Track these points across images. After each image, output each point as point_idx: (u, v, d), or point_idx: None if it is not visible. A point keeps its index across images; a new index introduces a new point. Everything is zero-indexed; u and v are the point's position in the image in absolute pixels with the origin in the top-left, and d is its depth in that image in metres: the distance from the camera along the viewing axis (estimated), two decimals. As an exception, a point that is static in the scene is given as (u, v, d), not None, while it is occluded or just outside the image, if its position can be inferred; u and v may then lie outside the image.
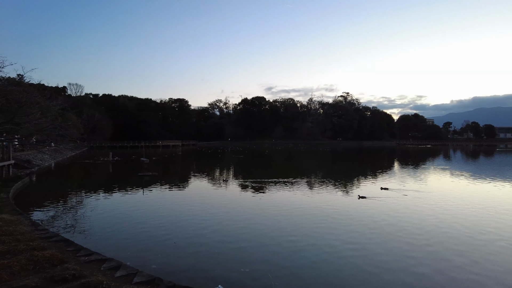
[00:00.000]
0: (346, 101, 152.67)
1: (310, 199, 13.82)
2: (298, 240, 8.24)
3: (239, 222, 9.99)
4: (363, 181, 20.69)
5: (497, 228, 9.40)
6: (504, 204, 12.87)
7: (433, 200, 13.78)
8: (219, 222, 9.97)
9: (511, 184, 18.76)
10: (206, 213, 11.18)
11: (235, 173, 26.48)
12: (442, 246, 7.83)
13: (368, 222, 10.10)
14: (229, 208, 11.99)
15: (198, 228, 9.31)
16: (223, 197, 14.49)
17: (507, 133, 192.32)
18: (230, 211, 11.56)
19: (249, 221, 10.11)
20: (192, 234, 8.75)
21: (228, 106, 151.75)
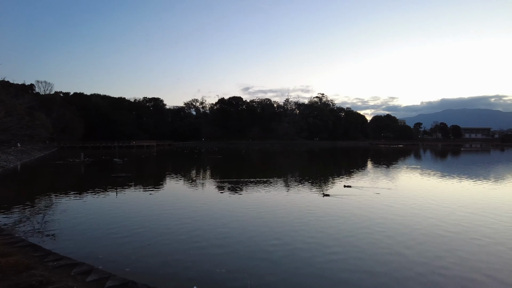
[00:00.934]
0: (321, 102, 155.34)
1: (280, 198, 13.97)
2: (272, 240, 8.27)
3: (214, 223, 9.91)
4: (334, 179, 21.07)
5: (457, 222, 9.83)
6: (468, 200, 13.48)
7: (398, 196, 14.27)
8: (194, 224, 9.84)
9: (474, 182, 19.70)
10: (182, 215, 11.02)
11: (211, 173, 26.28)
12: (397, 240, 8.10)
13: (324, 218, 10.30)
14: (205, 209, 11.88)
15: (173, 230, 9.15)
16: (199, 198, 14.34)
17: (472, 134, 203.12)
18: (206, 212, 11.45)
19: (224, 222, 10.05)
20: (166, 236, 8.59)
21: (205, 105, 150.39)
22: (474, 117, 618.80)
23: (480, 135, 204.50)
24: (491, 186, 18.24)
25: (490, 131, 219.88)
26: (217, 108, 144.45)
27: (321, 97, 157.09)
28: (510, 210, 11.75)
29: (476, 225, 9.59)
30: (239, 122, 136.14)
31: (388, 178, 21.76)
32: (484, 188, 17.44)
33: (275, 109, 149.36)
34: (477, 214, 10.95)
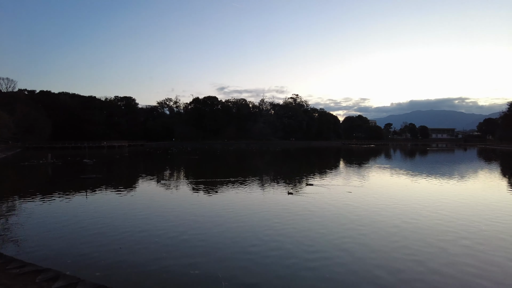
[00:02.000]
0: (296, 103, 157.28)
1: (249, 198, 13.97)
2: (246, 240, 8.30)
3: (188, 225, 9.80)
4: (302, 178, 21.33)
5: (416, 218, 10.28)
6: (427, 197, 14.13)
7: (363, 194, 14.71)
8: (167, 225, 9.68)
9: (440, 180, 20.66)
10: (155, 217, 10.82)
11: (186, 174, 25.95)
12: (353, 236, 8.39)
13: (284, 215, 10.49)
14: (178, 211, 11.71)
15: (146, 232, 8.96)
16: (172, 200, 14.12)
17: (438, 134, 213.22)
18: (179, 214, 11.29)
19: (198, 223, 9.96)
20: (139, 239, 8.40)
21: (179, 105, 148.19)
22: (440, 118, 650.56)
23: (446, 135, 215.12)
24: (456, 183, 19.20)
25: (454, 131, 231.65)
26: (192, 107, 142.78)
27: (295, 98, 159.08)
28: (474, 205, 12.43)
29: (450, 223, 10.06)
30: (214, 122, 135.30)
31: (355, 176, 22.37)
32: (449, 185, 18.32)
33: (251, 109, 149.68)
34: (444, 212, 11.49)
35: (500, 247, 7.73)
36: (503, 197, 15.23)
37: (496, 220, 10.21)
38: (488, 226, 9.49)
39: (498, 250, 7.51)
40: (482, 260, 6.88)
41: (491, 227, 9.38)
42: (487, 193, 16.01)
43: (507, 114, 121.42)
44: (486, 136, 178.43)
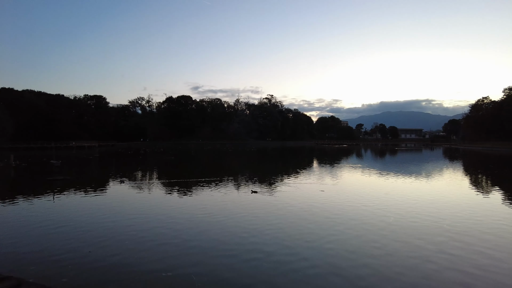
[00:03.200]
0: (271, 103, 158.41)
1: (224, 198, 13.92)
2: (221, 242, 8.26)
3: (160, 227, 9.61)
4: (277, 177, 21.55)
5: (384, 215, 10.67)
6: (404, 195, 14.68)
7: (335, 192, 15.08)
8: (139, 228, 9.44)
9: (408, 178, 21.50)
10: (127, 219, 10.53)
11: (158, 174, 25.45)
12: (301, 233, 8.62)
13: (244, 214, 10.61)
14: (150, 213, 11.45)
15: (116, 236, 8.69)
16: (144, 202, 13.76)
17: (407, 134, 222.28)
18: (151, 215, 11.04)
19: (170, 225, 9.79)
20: (110, 242, 8.14)
21: (152, 104, 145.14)
22: (409, 119, 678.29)
23: (414, 135, 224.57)
24: (423, 181, 20.04)
25: (422, 132, 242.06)
26: (165, 107, 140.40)
27: (270, 98, 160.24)
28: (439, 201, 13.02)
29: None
30: (189, 122, 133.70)
31: (328, 176, 22.83)
32: (417, 183, 19.10)
33: (226, 109, 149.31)
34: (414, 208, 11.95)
35: (464, 243, 8.13)
36: (465, 194, 16.03)
37: (459, 216, 10.74)
38: (450, 222, 9.97)
39: (461, 245, 7.90)
40: (446, 257, 7.21)
41: (453, 223, 9.86)
42: (451, 190, 16.84)
43: (468, 115, 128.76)
44: (451, 136, 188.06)
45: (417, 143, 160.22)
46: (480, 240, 8.18)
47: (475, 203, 13.39)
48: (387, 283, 5.83)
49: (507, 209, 12.18)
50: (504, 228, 9.32)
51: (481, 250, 7.46)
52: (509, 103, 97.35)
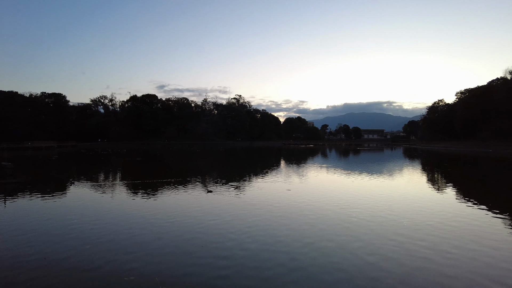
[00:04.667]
0: (239, 103, 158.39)
1: (189, 199, 13.77)
2: (184, 242, 8.14)
3: (123, 229, 9.29)
4: (245, 177, 21.65)
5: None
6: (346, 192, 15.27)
7: (301, 191, 15.42)
8: (100, 232, 9.07)
9: (370, 177, 22.38)
10: (86, 223, 10.06)
11: (122, 177, 24.60)
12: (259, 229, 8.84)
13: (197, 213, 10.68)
14: (110, 217, 11.02)
15: (74, 240, 8.27)
16: (106, 205, 13.22)
17: (370, 135, 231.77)
18: (111, 220, 10.61)
19: (133, 227, 9.50)
20: (67, 247, 7.74)
21: (115, 103, 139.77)
22: (371, 120, 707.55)
23: (376, 136, 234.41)
24: (384, 179, 20.96)
25: (383, 132, 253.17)
26: (129, 106, 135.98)
27: (238, 99, 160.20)
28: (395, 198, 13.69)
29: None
30: (154, 122, 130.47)
31: (294, 175, 23.24)
32: (378, 182, 19.92)
33: (193, 109, 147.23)
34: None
35: (421, 239, 8.60)
36: (422, 191, 16.97)
37: (417, 213, 11.35)
38: (409, 219, 10.51)
39: (418, 240, 8.35)
40: (407, 253, 7.60)
41: (412, 219, 10.40)
42: (410, 188, 17.77)
43: (426, 117, 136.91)
44: (410, 136, 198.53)
45: (379, 143, 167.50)
46: (438, 233, 8.69)
47: (432, 199, 14.23)
48: (344, 280, 6.03)
49: (460, 205, 13.03)
50: (458, 221, 9.97)
51: (440, 243, 7.93)
52: (460, 105, 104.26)
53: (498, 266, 6.66)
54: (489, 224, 9.91)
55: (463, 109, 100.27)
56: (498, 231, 9.14)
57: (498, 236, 8.72)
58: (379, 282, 5.88)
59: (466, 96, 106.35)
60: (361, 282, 5.90)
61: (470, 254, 7.30)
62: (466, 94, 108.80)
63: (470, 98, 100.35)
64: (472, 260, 6.98)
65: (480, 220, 10.33)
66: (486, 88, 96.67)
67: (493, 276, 6.17)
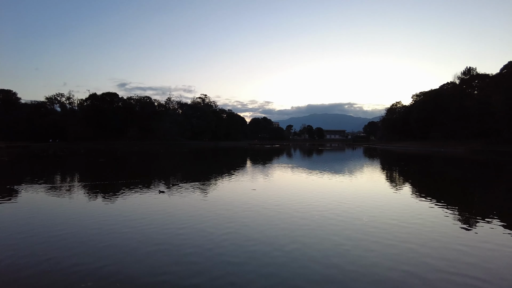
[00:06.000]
0: (204, 103, 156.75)
1: (151, 201, 13.45)
2: (142, 244, 7.90)
3: (79, 232, 8.84)
4: (210, 178, 21.50)
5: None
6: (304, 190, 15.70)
7: (267, 190, 15.59)
8: (54, 237, 8.54)
9: (332, 175, 23.07)
10: (39, 226, 9.45)
11: (80, 178, 23.41)
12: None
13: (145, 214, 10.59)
14: (70, 222, 10.45)
15: (27, 247, 7.74)
16: (64, 208, 12.50)
17: (332, 135, 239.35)
18: (69, 226, 10.06)
19: (86, 232, 9.05)
20: (19, 254, 7.22)
21: (73, 101, 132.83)
22: (333, 121, 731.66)
23: (338, 136, 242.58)
24: (346, 178, 21.67)
25: (345, 132, 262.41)
26: (88, 104, 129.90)
27: (204, 98, 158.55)
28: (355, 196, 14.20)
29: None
30: (115, 121, 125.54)
31: (259, 175, 23.39)
32: (341, 180, 20.57)
33: (156, 108, 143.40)
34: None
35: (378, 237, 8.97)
36: (381, 188, 17.76)
37: (377, 210, 11.84)
38: (369, 216, 10.94)
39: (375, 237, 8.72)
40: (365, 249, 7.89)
41: (370, 216, 10.84)
42: (369, 185, 18.53)
43: (385, 118, 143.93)
44: (370, 136, 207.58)
45: (341, 143, 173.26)
46: (395, 230, 9.12)
47: (390, 196, 14.92)
48: (299, 277, 6.15)
49: (416, 201, 13.79)
50: (414, 217, 10.53)
51: (394, 239, 8.32)
52: (416, 107, 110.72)
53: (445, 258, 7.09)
54: (441, 218, 10.57)
55: (418, 111, 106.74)
56: (444, 227, 9.76)
57: (444, 230, 9.31)
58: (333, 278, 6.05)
59: (421, 99, 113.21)
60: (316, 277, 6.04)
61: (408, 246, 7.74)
62: (421, 96, 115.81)
63: (425, 101, 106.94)
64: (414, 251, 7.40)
65: (433, 215, 10.99)
66: (438, 92, 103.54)
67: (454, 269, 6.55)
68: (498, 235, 8.83)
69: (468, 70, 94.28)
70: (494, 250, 7.54)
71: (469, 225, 9.86)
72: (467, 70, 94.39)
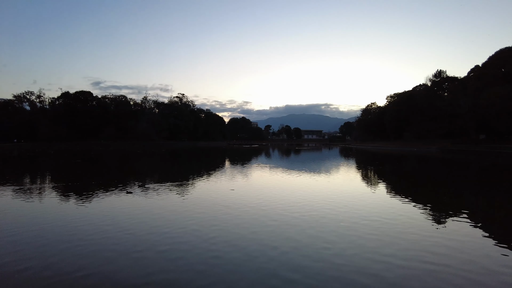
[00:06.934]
0: (182, 102, 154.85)
1: (128, 203, 13.20)
2: (106, 246, 7.74)
3: (52, 235, 8.54)
4: (188, 178, 21.30)
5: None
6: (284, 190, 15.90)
7: (245, 190, 15.64)
8: (25, 242, 8.22)
9: (309, 175, 23.40)
10: (3, 230, 9.04)
11: (51, 180, 22.55)
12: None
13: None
14: (41, 225, 10.06)
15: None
16: (35, 211, 12.00)
17: (309, 135, 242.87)
18: (41, 229, 9.70)
19: (56, 236, 8.78)
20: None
21: (44, 100, 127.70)
22: (310, 121, 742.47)
23: (315, 136, 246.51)
24: (322, 177, 22.04)
25: (322, 133, 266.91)
26: (60, 103, 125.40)
27: (181, 98, 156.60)
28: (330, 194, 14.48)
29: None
30: (90, 120, 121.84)
31: (238, 175, 23.41)
32: (318, 179, 20.90)
33: (132, 107, 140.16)
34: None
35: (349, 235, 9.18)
36: (356, 187, 18.19)
37: (352, 208, 12.11)
38: (345, 214, 11.18)
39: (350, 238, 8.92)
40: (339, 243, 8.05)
41: (347, 214, 11.09)
42: (345, 184, 18.94)
43: (360, 119, 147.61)
44: (346, 136, 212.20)
45: (318, 143, 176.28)
46: (371, 228, 9.37)
47: (365, 195, 15.31)
48: (273, 276, 6.22)
49: (390, 199, 14.23)
50: (389, 213, 10.86)
51: (370, 237, 8.55)
52: (390, 108, 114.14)
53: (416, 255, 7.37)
54: (417, 214, 10.96)
55: (392, 112, 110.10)
56: (420, 221, 10.14)
57: (421, 228, 9.67)
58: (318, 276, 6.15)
59: (395, 100, 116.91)
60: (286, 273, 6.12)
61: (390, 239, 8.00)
62: (395, 98, 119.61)
63: (398, 102, 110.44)
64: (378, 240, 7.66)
65: (407, 213, 11.38)
66: (411, 93, 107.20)
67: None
68: (466, 228, 9.35)
69: (439, 72, 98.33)
70: (465, 242, 7.94)
71: (441, 220, 10.29)
72: (438, 72, 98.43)
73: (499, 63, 79.10)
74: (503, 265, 6.57)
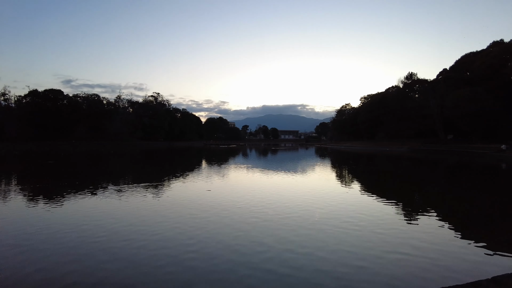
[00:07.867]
0: (157, 102, 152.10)
1: (104, 205, 12.89)
2: (99, 251, 7.55)
3: (26, 237, 8.20)
4: (164, 179, 21.05)
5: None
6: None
7: (221, 191, 15.65)
8: None
9: (286, 174, 23.68)
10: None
11: (18, 182, 21.54)
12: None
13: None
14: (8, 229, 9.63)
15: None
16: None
17: (286, 135, 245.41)
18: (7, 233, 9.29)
19: (31, 240, 8.45)
20: None
21: (9, 98, 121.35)
22: (287, 121, 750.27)
23: (292, 136, 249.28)
24: (298, 177, 22.35)
25: (298, 133, 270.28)
26: (28, 102, 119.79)
27: (156, 97, 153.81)
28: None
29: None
30: (60, 120, 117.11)
31: (215, 175, 23.33)
32: (293, 179, 21.17)
33: (105, 106, 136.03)
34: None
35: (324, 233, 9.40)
36: (331, 186, 18.59)
37: (328, 207, 12.38)
38: (320, 213, 11.42)
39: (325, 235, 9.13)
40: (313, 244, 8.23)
41: (322, 213, 11.33)
42: (320, 183, 19.31)
43: (335, 119, 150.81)
44: (321, 136, 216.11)
45: (294, 143, 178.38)
46: (351, 224, 9.63)
47: (340, 194, 15.67)
48: (250, 276, 6.30)
49: (365, 198, 14.65)
50: (365, 211, 11.20)
51: (346, 233, 8.79)
52: (363, 109, 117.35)
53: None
54: (391, 211, 11.36)
55: (365, 113, 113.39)
56: (394, 216, 10.52)
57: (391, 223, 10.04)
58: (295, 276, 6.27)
59: (368, 101, 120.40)
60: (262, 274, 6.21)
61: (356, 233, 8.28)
62: (368, 99, 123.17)
63: (371, 103, 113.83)
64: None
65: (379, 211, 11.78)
66: (384, 94, 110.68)
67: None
68: (436, 221, 9.89)
69: (410, 75, 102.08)
70: (435, 233, 8.34)
71: (413, 215, 10.73)
72: (409, 75, 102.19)
73: (464, 67, 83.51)
74: (467, 251, 7.00)
